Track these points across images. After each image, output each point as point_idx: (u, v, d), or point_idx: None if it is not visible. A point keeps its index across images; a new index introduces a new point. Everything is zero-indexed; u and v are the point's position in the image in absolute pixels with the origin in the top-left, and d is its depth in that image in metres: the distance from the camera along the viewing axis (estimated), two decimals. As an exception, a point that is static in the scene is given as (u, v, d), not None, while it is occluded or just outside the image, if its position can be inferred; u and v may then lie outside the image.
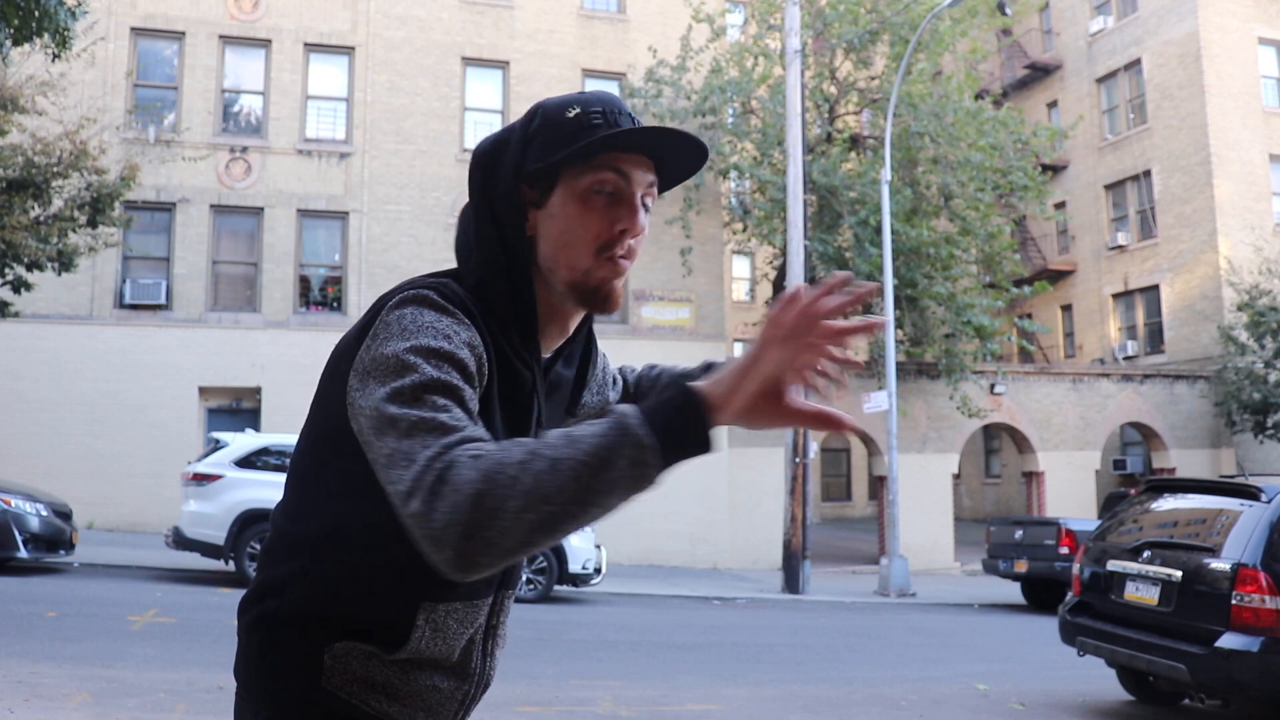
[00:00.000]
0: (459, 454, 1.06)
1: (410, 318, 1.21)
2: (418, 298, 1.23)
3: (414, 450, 1.08)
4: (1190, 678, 6.15)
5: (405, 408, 1.12)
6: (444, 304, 1.23)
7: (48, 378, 17.51)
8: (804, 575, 14.88)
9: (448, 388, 1.15)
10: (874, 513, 25.62)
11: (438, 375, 1.15)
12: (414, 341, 1.17)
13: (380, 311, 1.24)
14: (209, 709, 5.63)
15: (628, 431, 1.05)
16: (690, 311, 20.10)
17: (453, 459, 1.06)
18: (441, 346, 1.18)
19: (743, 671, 8.15)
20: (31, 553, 10.95)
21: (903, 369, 19.72)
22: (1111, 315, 26.82)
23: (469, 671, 1.40)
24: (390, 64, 19.70)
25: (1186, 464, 22.34)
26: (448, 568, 1.05)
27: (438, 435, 1.09)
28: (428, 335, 1.18)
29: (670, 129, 1.29)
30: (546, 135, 1.31)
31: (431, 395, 1.13)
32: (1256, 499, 6.40)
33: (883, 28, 19.82)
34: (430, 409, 1.12)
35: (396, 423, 1.12)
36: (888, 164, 16.87)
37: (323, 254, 19.53)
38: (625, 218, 1.30)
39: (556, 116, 1.32)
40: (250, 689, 1.35)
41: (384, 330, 1.21)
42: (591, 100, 1.33)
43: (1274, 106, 24.96)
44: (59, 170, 14.06)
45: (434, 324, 1.20)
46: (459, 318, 1.23)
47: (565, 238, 1.30)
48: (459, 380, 1.17)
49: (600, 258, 1.31)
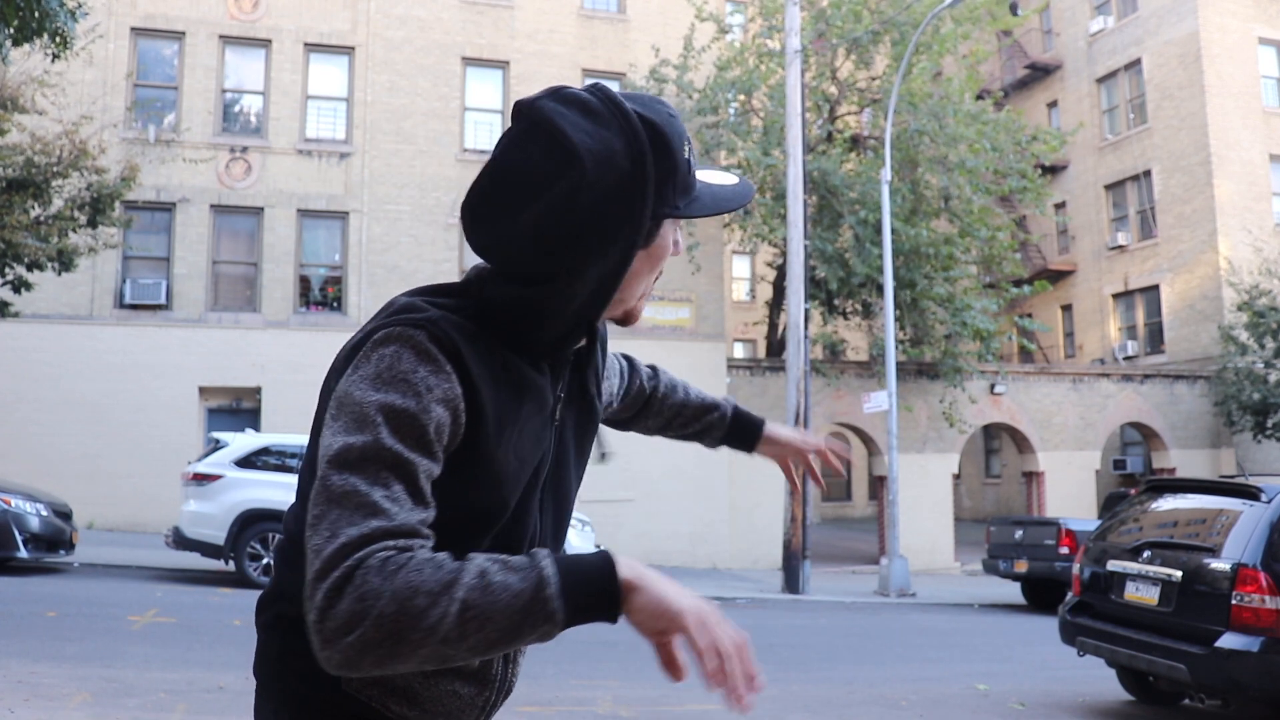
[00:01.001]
0: (378, 557, 1.05)
1: (389, 361, 1.18)
2: (403, 337, 1.19)
3: (337, 526, 1.07)
4: (1190, 678, 6.14)
5: (346, 473, 1.12)
6: (429, 349, 1.19)
7: (48, 378, 17.51)
8: (804, 575, 14.88)
9: (397, 463, 1.13)
10: (874, 513, 25.62)
11: (391, 446, 1.13)
12: (382, 397, 1.15)
13: (366, 341, 1.21)
14: (209, 709, 5.63)
15: (546, 605, 1.05)
16: (690, 311, 20.10)
17: (368, 562, 1.04)
18: (408, 407, 1.15)
19: (743, 671, 8.13)
20: (31, 553, 10.95)
21: (903, 369, 19.72)
22: (1111, 315, 26.82)
23: (490, 677, 1.39)
24: (390, 64, 19.70)
25: (1186, 464, 22.34)
26: (325, 664, 1.05)
27: (365, 516, 1.08)
28: (398, 390, 1.16)
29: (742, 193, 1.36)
30: (679, 180, 1.25)
31: (377, 467, 1.12)
32: (1256, 499, 6.40)
33: (884, 28, 19.83)
34: (370, 482, 1.11)
35: (331, 484, 1.11)
36: (888, 164, 16.86)
37: (323, 254, 19.53)
38: (675, 245, 1.35)
39: (680, 158, 1.25)
40: (270, 688, 1.35)
41: (364, 364, 1.19)
42: (684, 132, 1.28)
43: (1274, 106, 24.96)
44: (59, 170, 14.06)
45: (409, 375, 1.17)
46: (439, 366, 1.19)
47: (649, 274, 1.32)
48: (412, 455, 1.14)
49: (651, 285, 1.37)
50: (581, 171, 1.17)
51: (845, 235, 19.47)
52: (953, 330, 19.69)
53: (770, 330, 22.79)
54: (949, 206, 20.10)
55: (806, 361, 15.61)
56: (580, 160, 1.17)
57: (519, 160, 1.21)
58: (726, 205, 1.33)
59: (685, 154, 1.26)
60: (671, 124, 1.25)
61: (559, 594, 1.06)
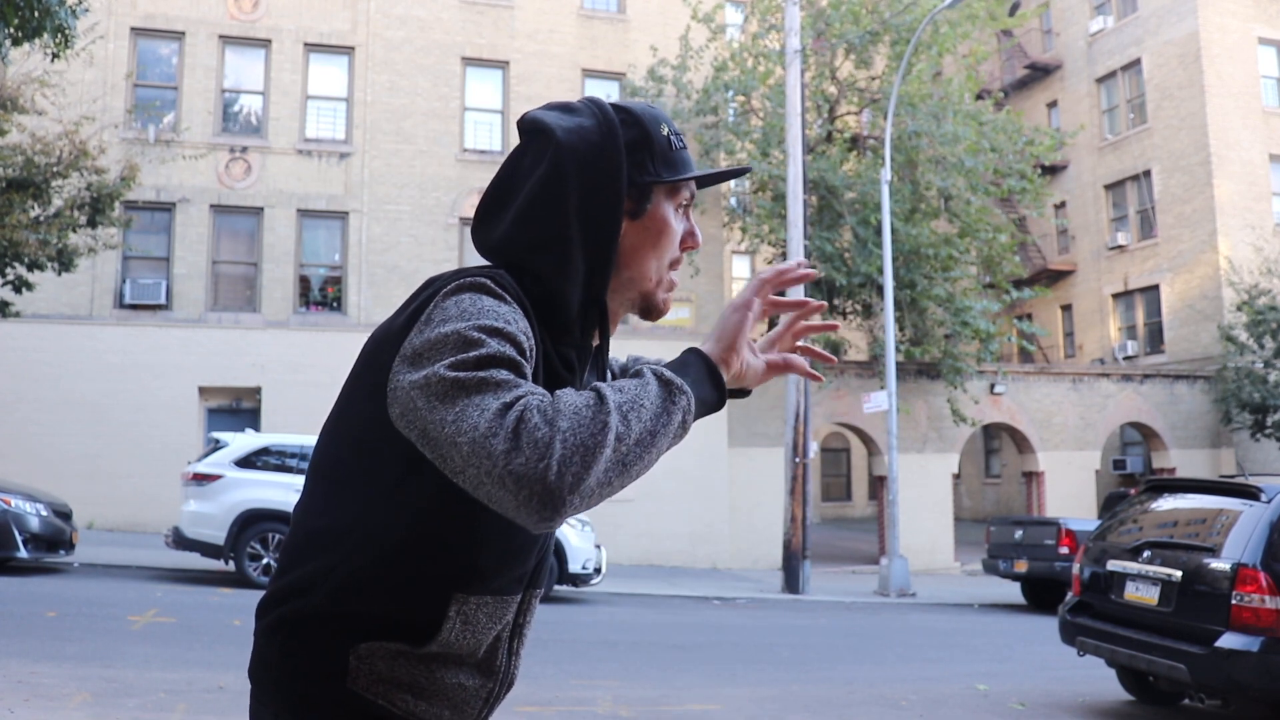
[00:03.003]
0: (532, 405, 1.09)
1: (469, 302, 1.22)
2: (475, 284, 1.24)
3: (485, 401, 1.10)
4: (1190, 678, 6.14)
5: (470, 371, 1.13)
6: (500, 292, 1.25)
7: (48, 378, 17.51)
8: (804, 575, 14.88)
9: (513, 363, 1.16)
10: (874, 513, 25.62)
11: (502, 350, 1.16)
12: (475, 321, 1.19)
13: (434, 297, 1.24)
14: (209, 709, 5.63)
15: (675, 384, 1.18)
16: (690, 311, 20.10)
17: (528, 403, 1.09)
18: (504, 327, 1.19)
19: (743, 671, 8.14)
20: (31, 553, 10.95)
21: (903, 369, 19.72)
22: (1111, 315, 26.82)
23: (494, 669, 1.40)
24: (390, 64, 19.70)
25: (1186, 464, 22.34)
26: (530, 509, 1.07)
27: (509, 389, 1.12)
28: (489, 317, 1.20)
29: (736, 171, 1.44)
30: (655, 150, 1.36)
31: (496, 367, 1.15)
32: (1256, 499, 6.39)
33: (883, 28, 19.83)
34: (497, 373, 1.13)
35: (463, 384, 1.13)
36: (888, 164, 16.87)
37: (323, 254, 19.54)
38: (691, 235, 1.42)
39: (656, 132, 1.37)
40: (267, 691, 1.33)
41: (439, 314, 1.21)
42: (666, 118, 1.40)
43: (1274, 106, 24.96)
44: (59, 170, 14.06)
45: (494, 308, 1.21)
46: (514, 306, 1.25)
47: (652, 251, 1.38)
48: (521, 359, 1.18)
49: (668, 272, 1.40)
50: (556, 146, 1.32)
51: (845, 235, 19.48)
52: (953, 330, 19.70)
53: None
54: (949, 207, 20.11)
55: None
56: (554, 137, 1.32)
57: (511, 164, 1.39)
58: (717, 173, 1.41)
59: (661, 130, 1.37)
60: (646, 108, 1.38)
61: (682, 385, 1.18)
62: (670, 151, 1.37)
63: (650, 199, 1.37)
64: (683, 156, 1.39)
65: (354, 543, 1.29)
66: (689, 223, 1.42)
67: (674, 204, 1.39)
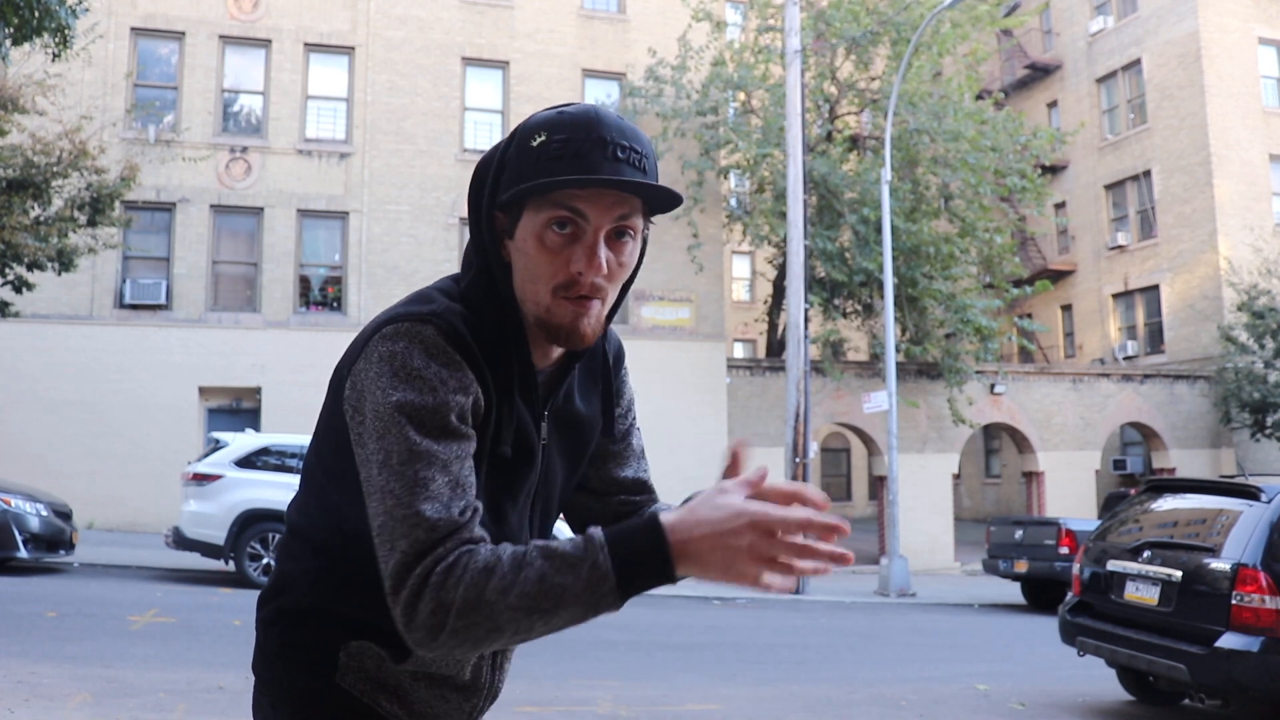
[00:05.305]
0: (437, 573, 1.11)
1: (401, 359, 1.19)
2: (411, 333, 1.20)
3: (395, 539, 1.14)
4: (1190, 678, 6.14)
5: (386, 476, 1.16)
6: (438, 343, 1.20)
7: (48, 378, 17.51)
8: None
9: (430, 458, 1.16)
10: (874, 513, 25.61)
11: (419, 443, 1.16)
12: (400, 396, 1.18)
13: (379, 330, 1.22)
14: (209, 709, 5.63)
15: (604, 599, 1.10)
16: (690, 311, 20.09)
17: (431, 579, 1.11)
18: (426, 403, 1.17)
19: (743, 671, 8.14)
20: (31, 553, 10.94)
21: (903, 369, 19.72)
22: (1111, 315, 26.82)
23: (479, 685, 1.42)
24: (390, 64, 19.70)
25: (1186, 464, 22.34)
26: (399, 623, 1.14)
27: (411, 526, 1.14)
28: (414, 388, 1.18)
29: (614, 180, 1.20)
30: (515, 163, 1.24)
31: (413, 467, 1.16)
32: (1256, 499, 6.39)
33: (883, 28, 19.83)
34: (409, 486, 1.15)
35: (376, 489, 1.17)
36: (888, 164, 16.86)
37: (323, 254, 19.53)
38: (580, 259, 1.22)
39: (524, 143, 1.24)
40: (268, 682, 1.37)
41: (376, 360, 1.20)
42: (561, 125, 1.23)
43: (1274, 106, 24.96)
44: (59, 170, 14.06)
45: (422, 372, 1.18)
46: (450, 359, 1.20)
47: (526, 273, 1.26)
48: (441, 445, 1.17)
49: (558, 297, 1.25)
50: (476, 170, 1.32)
51: (845, 234, 19.49)
52: (954, 329, 19.70)
53: (770, 330, 22.78)
54: (949, 206, 20.10)
55: (806, 361, 15.61)
56: (478, 167, 1.32)
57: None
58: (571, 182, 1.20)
59: (535, 140, 1.22)
60: (544, 117, 1.25)
61: (616, 589, 1.10)
62: (541, 161, 1.21)
63: (520, 216, 1.25)
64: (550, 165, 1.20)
65: (331, 546, 1.33)
66: (584, 245, 1.23)
67: (540, 223, 1.23)
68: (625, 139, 1.23)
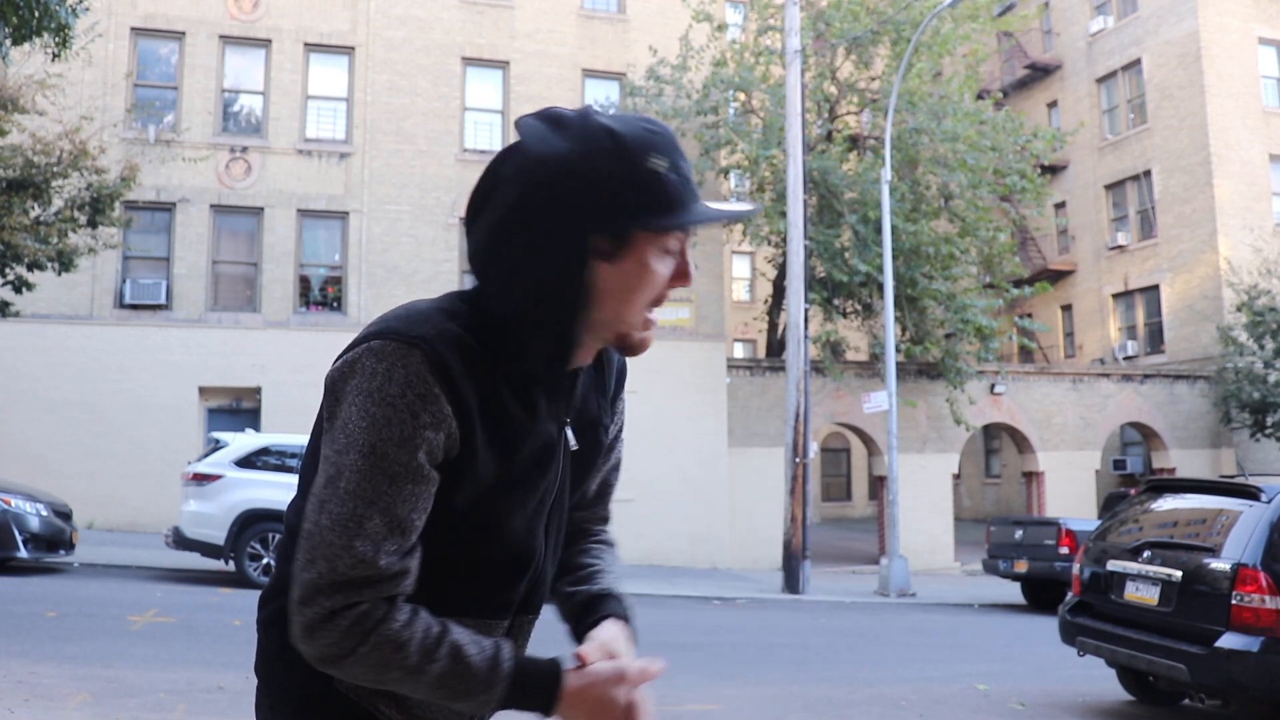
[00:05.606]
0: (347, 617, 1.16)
1: (381, 380, 1.18)
2: (395, 355, 1.18)
3: (315, 554, 1.17)
4: (1190, 678, 6.14)
5: (329, 495, 1.19)
6: (421, 373, 1.18)
7: (48, 378, 17.51)
8: (804, 575, 14.87)
9: (375, 494, 1.17)
10: (874, 513, 25.62)
11: (372, 478, 1.17)
12: (371, 422, 1.17)
13: (367, 342, 1.21)
14: (209, 709, 5.63)
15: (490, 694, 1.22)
16: (690, 311, 20.09)
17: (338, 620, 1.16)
18: (393, 435, 1.17)
19: (743, 671, 8.14)
20: (31, 553, 10.95)
21: (903, 369, 19.72)
22: (1111, 315, 26.82)
23: None
24: (390, 64, 19.70)
25: (1186, 464, 22.34)
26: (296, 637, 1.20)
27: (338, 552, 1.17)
28: (385, 415, 1.17)
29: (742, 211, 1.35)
30: (639, 190, 1.20)
31: (355, 500, 1.17)
32: (1256, 499, 6.39)
33: (883, 28, 19.83)
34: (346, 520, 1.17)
35: (318, 506, 1.19)
36: (888, 164, 16.86)
37: (323, 254, 19.53)
38: (681, 278, 1.28)
39: (638, 165, 1.20)
40: (268, 683, 1.37)
41: (357, 376, 1.20)
42: (666, 147, 1.23)
43: (1274, 106, 24.96)
44: (59, 170, 14.06)
45: (396, 401, 1.17)
46: (428, 391, 1.18)
47: (625, 295, 1.24)
48: (392, 488, 1.18)
49: (648, 314, 1.28)
50: (528, 168, 1.21)
51: (845, 234, 19.49)
52: (954, 329, 19.70)
53: (770, 330, 22.78)
54: (949, 206, 20.10)
55: (806, 361, 15.61)
56: (529, 157, 1.21)
57: (494, 167, 1.26)
58: (716, 214, 1.28)
59: (652, 164, 1.20)
60: (642, 135, 1.22)
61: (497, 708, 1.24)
62: (662, 190, 1.20)
63: (630, 242, 1.22)
64: (677, 192, 1.22)
65: None
66: (683, 260, 1.28)
67: (660, 246, 1.24)
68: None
